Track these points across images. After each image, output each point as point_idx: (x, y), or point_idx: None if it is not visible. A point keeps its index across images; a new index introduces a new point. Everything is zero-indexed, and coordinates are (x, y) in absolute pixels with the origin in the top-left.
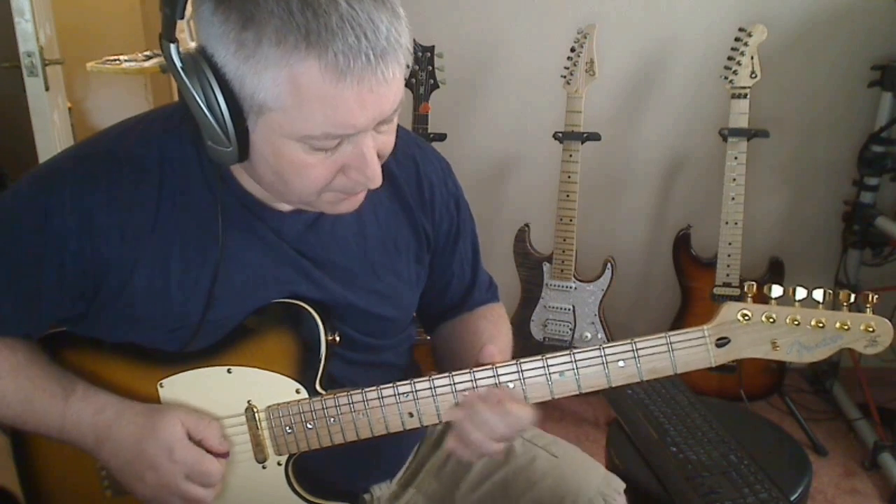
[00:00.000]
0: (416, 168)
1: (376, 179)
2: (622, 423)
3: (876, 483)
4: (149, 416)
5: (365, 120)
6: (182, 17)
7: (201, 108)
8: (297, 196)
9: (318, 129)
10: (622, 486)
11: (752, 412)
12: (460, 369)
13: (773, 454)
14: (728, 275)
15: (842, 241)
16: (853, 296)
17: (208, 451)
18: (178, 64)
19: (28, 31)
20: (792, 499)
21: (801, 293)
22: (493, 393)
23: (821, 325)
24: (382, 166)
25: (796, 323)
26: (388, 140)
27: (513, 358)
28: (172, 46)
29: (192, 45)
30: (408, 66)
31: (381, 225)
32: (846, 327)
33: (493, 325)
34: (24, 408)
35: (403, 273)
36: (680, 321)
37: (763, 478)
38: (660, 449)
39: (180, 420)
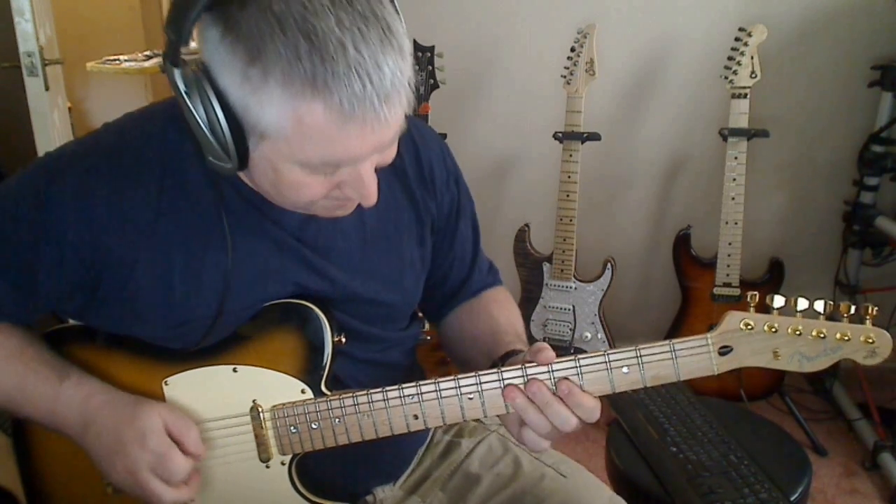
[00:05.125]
0: (416, 148)
1: (371, 199)
2: (622, 423)
3: (876, 483)
4: (133, 405)
5: (364, 153)
6: (187, 44)
7: (203, 129)
8: (292, 205)
9: (318, 159)
10: None
11: (752, 412)
12: (480, 355)
13: (773, 454)
14: (728, 275)
15: (842, 241)
16: (853, 307)
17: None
18: (182, 88)
19: (28, 31)
20: (792, 499)
21: (802, 304)
22: (561, 386)
23: (822, 335)
24: None
25: (798, 333)
26: (388, 155)
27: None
28: (177, 71)
29: (193, 44)
30: (409, 103)
31: (382, 209)
32: (846, 338)
33: (507, 310)
34: (16, 391)
35: (406, 256)
36: (680, 321)
37: (763, 478)
38: (660, 449)
39: (160, 413)
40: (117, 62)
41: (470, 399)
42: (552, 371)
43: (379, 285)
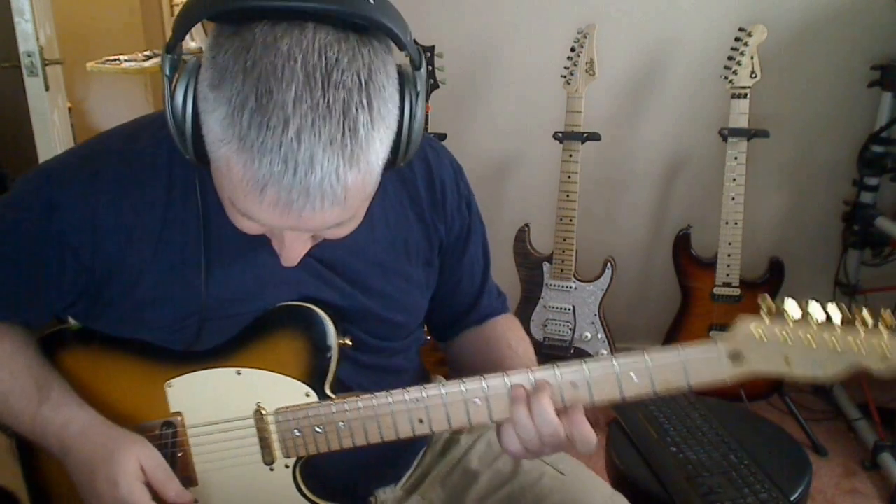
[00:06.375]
0: (429, 169)
1: (287, 263)
2: (622, 423)
3: (876, 483)
4: (109, 443)
5: (284, 226)
6: (182, 40)
7: (171, 117)
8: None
9: (241, 206)
10: None
11: (752, 412)
12: None
13: (773, 454)
14: (728, 275)
15: (842, 241)
16: (868, 314)
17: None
18: (167, 71)
19: (28, 31)
20: (792, 499)
21: (816, 310)
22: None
23: (835, 343)
24: (397, 169)
25: (811, 340)
26: (333, 234)
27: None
28: (167, 56)
29: (193, 44)
30: (351, 207)
31: (392, 227)
32: (861, 347)
33: (524, 340)
34: (0, 400)
35: (413, 276)
36: (680, 321)
37: (763, 478)
38: (660, 449)
39: (138, 458)
40: (117, 62)
41: (476, 404)
42: (559, 375)
43: (384, 304)
